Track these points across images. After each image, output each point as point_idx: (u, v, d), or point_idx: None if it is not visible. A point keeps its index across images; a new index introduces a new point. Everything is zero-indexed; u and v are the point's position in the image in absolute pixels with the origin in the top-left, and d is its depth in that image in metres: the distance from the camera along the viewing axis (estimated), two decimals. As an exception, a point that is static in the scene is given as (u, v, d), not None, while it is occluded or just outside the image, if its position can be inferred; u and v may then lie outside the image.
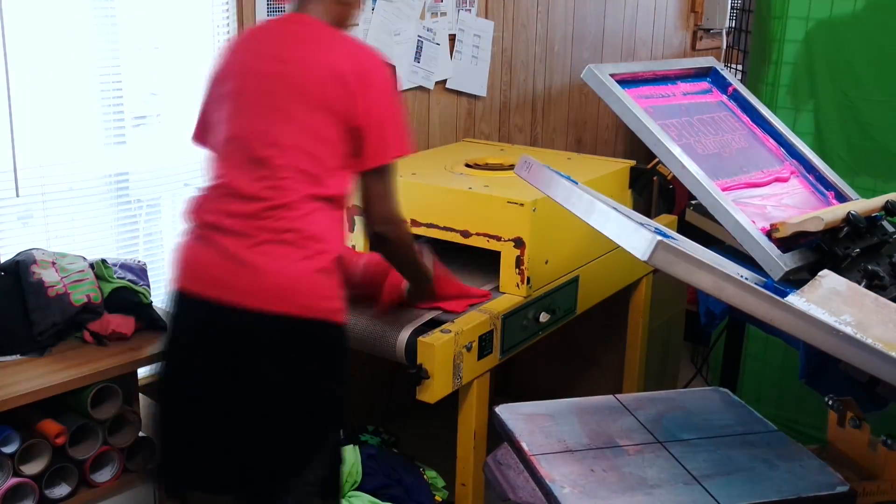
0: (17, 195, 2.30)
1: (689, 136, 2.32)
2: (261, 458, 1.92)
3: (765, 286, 1.88)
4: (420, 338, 2.21)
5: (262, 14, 2.70)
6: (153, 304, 2.32)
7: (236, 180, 1.90)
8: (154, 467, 2.15)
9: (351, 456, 2.57)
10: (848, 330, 1.69)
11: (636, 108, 2.23)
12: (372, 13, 3.02)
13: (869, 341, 1.66)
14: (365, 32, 3.01)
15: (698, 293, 2.69)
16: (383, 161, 1.96)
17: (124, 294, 2.26)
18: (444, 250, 2.67)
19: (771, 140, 2.50)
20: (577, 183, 1.94)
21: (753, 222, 2.11)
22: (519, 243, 2.45)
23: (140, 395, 2.27)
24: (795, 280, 2.01)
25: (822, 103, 3.08)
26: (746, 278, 1.94)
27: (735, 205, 2.13)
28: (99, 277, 2.25)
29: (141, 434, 2.18)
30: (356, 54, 1.97)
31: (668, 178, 2.89)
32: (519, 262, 2.46)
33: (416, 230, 2.60)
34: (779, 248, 2.07)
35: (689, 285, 1.69)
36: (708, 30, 5.07)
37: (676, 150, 2.19)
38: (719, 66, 2.59)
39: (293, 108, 1.90)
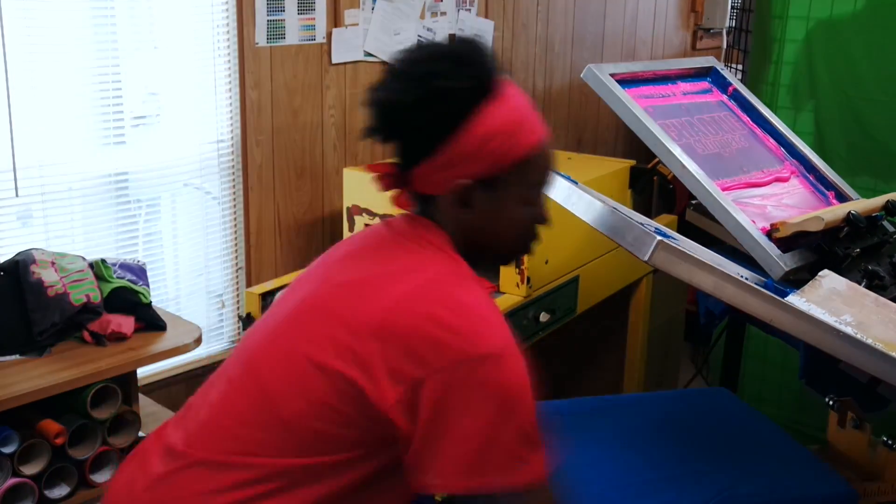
0: (17, 195, 2.30)
1: (689, 135, 2.32)
2: None
3: (765, 286, 1.88)
4: (420, 338, 2.20)
5: (261, 14, 2.69)
6: (153, 304, 2.31)
7: None
8: None
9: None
10: (848, 330, 1.69)
11: (636, 108, 2.23)
12: (372, 13, 3.02)
13: (869, 341, 1.66)
14: (365, 32, 3.01)
15: (698, 293, 2.68)
16: None
17: (124, 294, 2.26)
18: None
19: (771, 140, 2.50)
20: (577, 183, 1.94)
21: (753, 222, 2.10)
22: (519, 243, 2.45)
23: (140, 395, 2.27)
24: (795, 280, 2.01)
25: (822, 103, 3.08)
26: (746, 278, 1.94)
27: (735, 205, 2.13)
28: (98, 277, 2.25)
29: (140, 434, 2.18)
30: None
31: (668, 178, 2.88)
32: (519, 261, 2.46)
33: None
34: (779, 248, 2.07)
35: (689, 285, 1.68)
36: (708, 29, 5.06)
37: (676, 150, 2.19)
38: (719, 66, 2.59)
39: None
